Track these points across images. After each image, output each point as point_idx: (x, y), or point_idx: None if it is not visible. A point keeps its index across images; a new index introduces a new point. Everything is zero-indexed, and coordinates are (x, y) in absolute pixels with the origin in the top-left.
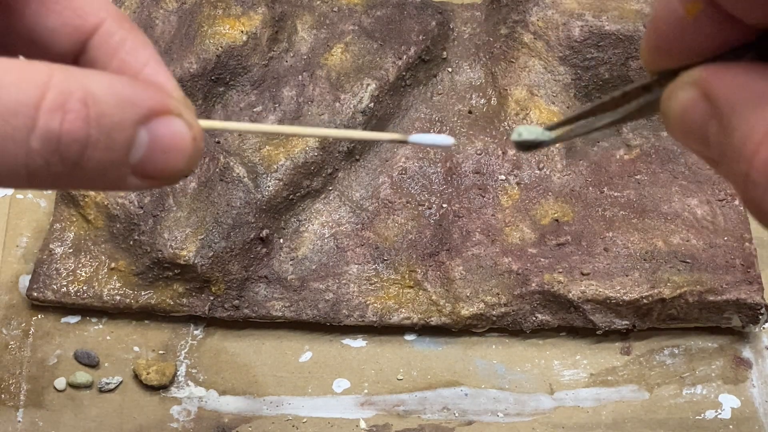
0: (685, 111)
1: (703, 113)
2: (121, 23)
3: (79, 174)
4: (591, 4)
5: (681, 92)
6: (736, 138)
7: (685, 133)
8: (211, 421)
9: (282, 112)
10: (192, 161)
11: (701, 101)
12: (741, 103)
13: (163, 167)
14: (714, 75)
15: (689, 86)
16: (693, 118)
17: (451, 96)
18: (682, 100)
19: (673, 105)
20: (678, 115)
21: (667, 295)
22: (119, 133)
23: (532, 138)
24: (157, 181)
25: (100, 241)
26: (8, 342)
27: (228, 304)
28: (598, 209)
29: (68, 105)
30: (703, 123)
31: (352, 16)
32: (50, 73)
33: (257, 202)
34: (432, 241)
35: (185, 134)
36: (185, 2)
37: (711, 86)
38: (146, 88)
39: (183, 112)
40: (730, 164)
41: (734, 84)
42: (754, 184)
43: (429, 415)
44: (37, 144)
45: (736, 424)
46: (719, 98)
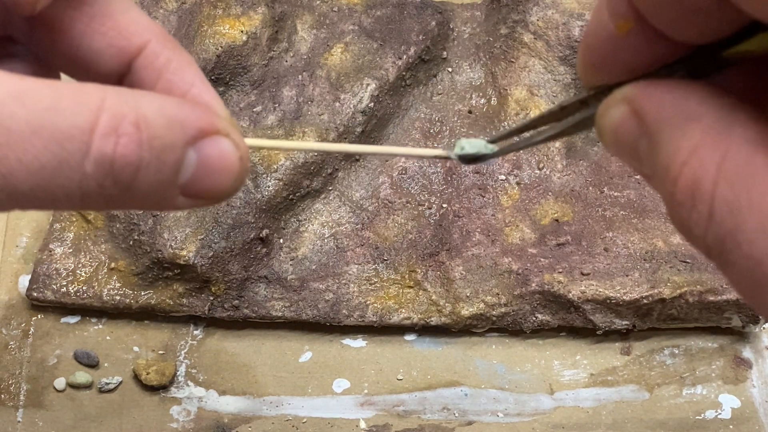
0: (616, 128)
1: (633, 131)
2: (166, 43)
3: (130, 196)
4: (591, 4)
5: (613, 109)
6: (662, 156)
7: (618, 149)
8: (211, 421)
9: (282, 112)
10: (239, 181)
11: (631, 118)
12: (668, 122)
13: (210, 187)
14: (643, 92)
15: (620, 103)
16: (624, 135)
17: (451, 96)
18: (614, 117)
19: (605, 122)
20: (610, 132)
21: (667, 295)
22: (170, 154)
23: (474, 152)
24: (205, 201)
25: (100, 241)
26: (8, 342)
27: (228, 304)
28: (598, 209)
29: (121, 128)
30: (634, 140)
31: (352, 16)
32: (103, 96)
33: (257, 202)
34: (432, 241)
35: (233, 154)
36: (185, 2)
37: (640, 104)
38: (195, 109)
39: (231, 132)
40: (659, 182)
41: (662, 101)
42: (679, 204)
43: (429, 415)
44: (91, 168)
45: (737, 424)
46: (647, 116)
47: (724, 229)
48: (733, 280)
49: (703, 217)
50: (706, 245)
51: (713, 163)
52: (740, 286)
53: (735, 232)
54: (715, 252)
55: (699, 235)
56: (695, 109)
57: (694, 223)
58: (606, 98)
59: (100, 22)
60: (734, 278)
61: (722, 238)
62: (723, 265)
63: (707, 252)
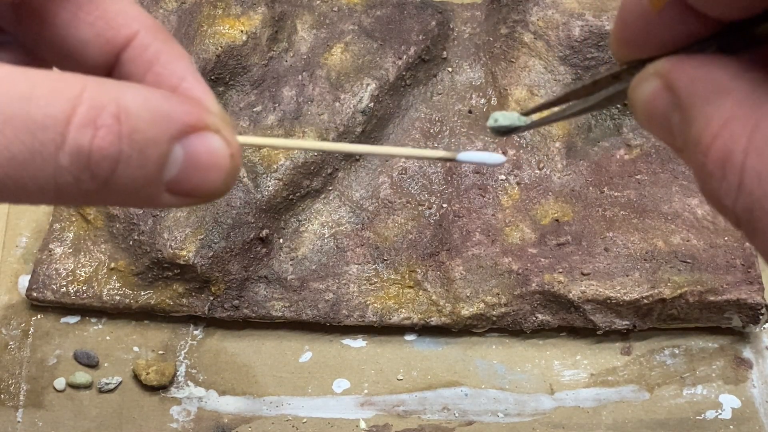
0: (649, 101)
1: (666, 104)
2: (156, 34)
3: (110, 191)
4: (591, 4)
5: (646, 83)
6: (694, 129)
7: (650, 122)
8: (211, 421)
9: (282, 111)
10: (230, 179)
11: (664, 92)
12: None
13: (199, 185)
14: (676, 66)
15: (653, 77)
16: (657, 108)
17: (451, 96)
18: (646, 90)
19: (638, 95)
20: (643, 105)
21: (667, 295)
22: (153, 149)
23: (508, 123)
24: (193, 199)
25: (100, 241)
26: (8, 342)
27: (228, 304)
28: (599, 209)
29: (100, 120)
30: (667, 113)
31: (352, 15)
32: (83, 86)
33: (257, 202)
34: (432, 241)
35: (223, 151)
36: (185, 2)
37: (673, 78)
38: (182, 103)
39: (221, 128)
40: (690, 154)
41: (695, 76)
42: (710, 175)
43: (429, 415)
44: (66, 160)
45: (737, 425)
46: (680, 89)
47: (753, 198)
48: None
49: (732, 187)
50: (735, 215)
51: (744, 135)
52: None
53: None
54: (743, 221)
55: (728, 205)
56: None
57: (724, 193)
58: (639, 72)
59: (87, 11)
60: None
61: (751, 207)
62: (751, 234)
63: (736, 222)
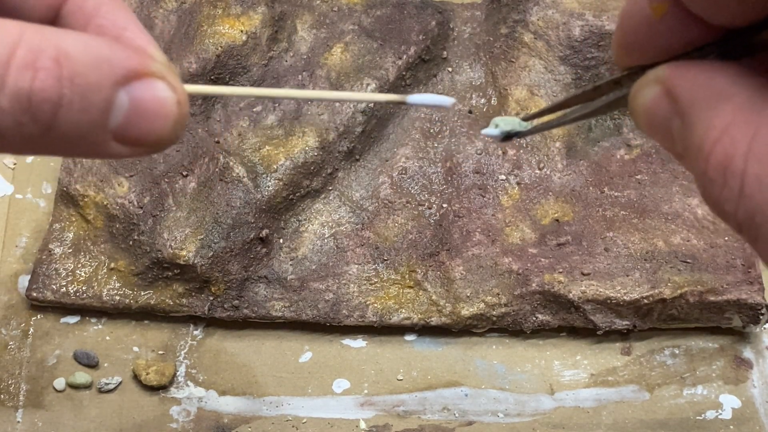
0: (650, 108)
1: (666, 110)
2: None
3: (54, 137)
4: (591, 4)
5: (646, 89)
6: (695, 135)
7: (651, 129)
8: (211, 421)
9: (282, 111)
10: (177, 127)
11: (665, 99)
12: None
13: (146, 133)
14: (677, 73)
15: (654, 84)
16: (657, 114)
17: (451, 95)
18: (647, 97)
19: (639, 102)
20: (644, 112)
21: (667, 296)
22: (95, 94)
23: (509, 128)
24: (142, 148)
25: (100, 241)
26: (8, 342)
27: (228, 304)
28: (599, 209)
29: (39, 63)
30: (667, 119)
31: (352, 15)
32: (21, 31)
33: (257, 202)
34: (432, 241)
35: (169, 98)
36: (185, 2)
37: (674, 84)
38: (125, 49)
39: (166, 75)
40: (691, 160)
41: (695, 82)
42: (711, 181)
43: (429, 415)
44: (6, 102)
45: (737, 425)
46: (681, 96)
47: (755, 204)
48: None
49: (734, 193)
50: (737, 221)
51: (744, 141)
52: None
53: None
54: (745, 227)
55: (730, 211)
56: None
57: (725, 200)
58: (639, 79)
59: None
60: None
61: (752, 213)
62: (753, 240)
63: (738, 228)
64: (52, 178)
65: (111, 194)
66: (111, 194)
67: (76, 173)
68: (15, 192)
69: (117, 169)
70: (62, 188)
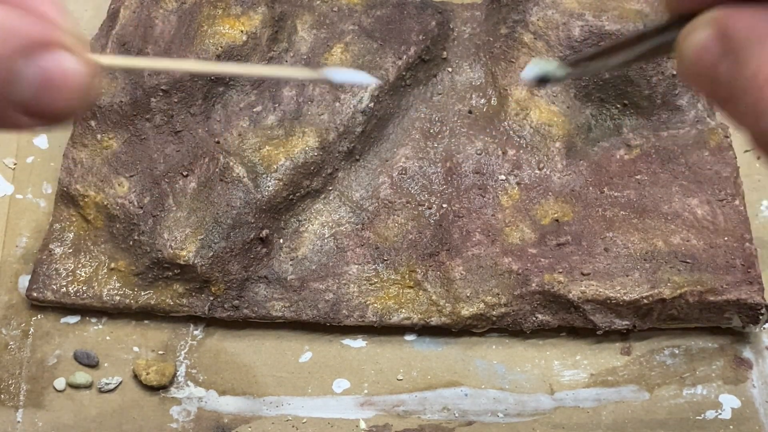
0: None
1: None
2: None
3: None
4: (591, 4)
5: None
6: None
7: (697, 72)
8: (211, 421)
9: (282, 111)
10: (85, 100)
11: (716, 40)
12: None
13: (53, 105)
14: (730, 14)
15: (706, 26)
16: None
17: (451, 96)
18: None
19: (689, 44)
20: (693, 54)
21: (667, 296)
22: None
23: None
24: (50, 120)
25: (100, 242)
26: (8, 342)
27: (228, 304)
28: (599, 209)
29: None
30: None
31: (352, 16)
32: None
33: (257, 202)
34: (432, 241)
35: (77, 70)
36: (185, 2)
37: (727, 24)
38: (27, 17)
39: (74, 46)
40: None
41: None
42: (763, 113)
43: (429, 415)
44: None
45: (737, 425)
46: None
47: None
48: None
49: None
50: None
51: None
52: None
53: None
54: None
55: None
56: None
57: None
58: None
59: None
60: None
61: None
62: None
63: None
64: (52, 178)
65: (111, 194)
66: (111, 194)
67: (76, 173)
68: (15, 192)
69: (117, 170)
70: (62, 188)
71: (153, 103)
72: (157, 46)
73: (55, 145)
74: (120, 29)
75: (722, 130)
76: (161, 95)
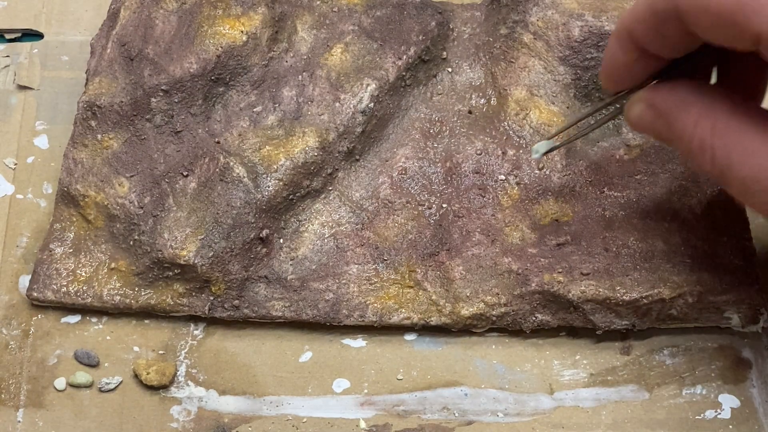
0: (639, 118)
1: (651, 117)
2: None
3: None
4: (591, 4)
5: (635, 106)
6: (677, 129)
7: (644, 130)
8: (211, 421)
9: (282, 112)
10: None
11: (649, 110)
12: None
13: None
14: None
15: (639, 101)
16: (645, 121)
17: (451, 96)
18: (637, 110)
19: (631, 114)
20: (635, 121)
21: (666, 295)
22: None
23: (546, 149)
24: None
25: (100, 241)
26: (8, 342)
27: (228, 304)
28: (598, 209)
29: None
30: (653, 122)
31: (352, 16)
32: None
33: (257, 202)
34: (432, 241)
35: None
36: (185, 2)
37: (653, 100)
38: None
39: None
40: (675, 145)
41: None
42: (694, 154)
43: (429, 415)
44: None
45: (736, 425)
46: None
47: (723, 162)
48: (733, 192)
49: (708, 157)
50: (714, 175)
51: (708, 128)
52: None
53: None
54: (719, 178)
55: (709, 170)
56: (689, 97)
57: (705, 163)
58: (629, 99)
59: None
60: (733, 191)
61: (721, 167)
62: (726, 185)
63: (716, 179)
64: (52, 178)
65: (111, 194)
66: (111, 194)
67: (76, 173)
68: (16, 192)
69: (118, 170)
70: (63, 188)
71: (153, 103)
72: (157, 46)
73: (56, 146)
74: (120, 29)
75: None
76: (161, 95)
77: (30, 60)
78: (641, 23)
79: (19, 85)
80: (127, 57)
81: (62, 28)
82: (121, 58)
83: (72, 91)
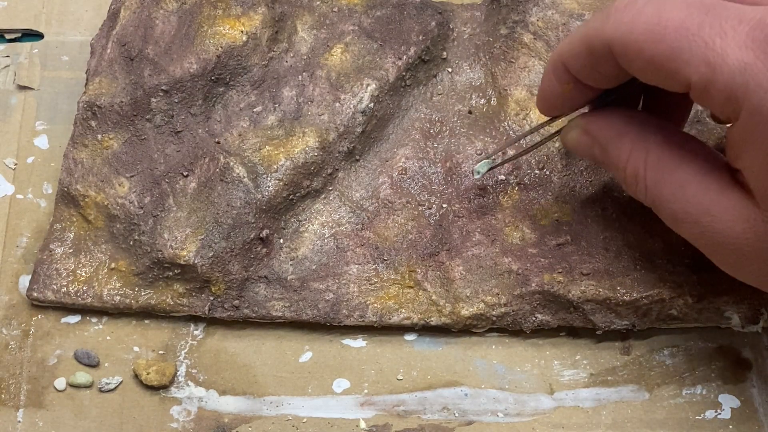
0: (575, 143)
1: (587, 143)
2: None
3: None
4: (591, 5)
5: (572, 131)
6: (612, 157)
7: (580, 154)
8: (211, 421)
9: (282, 112)
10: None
11: (584, 136)
12: (608, 137)
13: None
14: (587, 120)
15: (575, 127)
16: (582, 146)
17: (451, 96)
18: (573, 136)
19: (568, 139)
20: (572, 145)
21: (666, 295)
22: None
23: (487, 169)
24: None
25: (100, 242)
26: (8, 342)
27: (228, 304)
28: (598, 209)
29: None
30: (589, 148)
31: (352, 16)
32: None
33: (257, 202)
34: (432, 241)
35: None
36: (185, 2)
37: (588, 127)
38: None
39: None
40: (612, 171)
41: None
42: (628, 184)
43: (429, 415)
44: None
45: (736, 425)
46: (595, 134)
47: (655, 194)
48: (665, 220)
49: (642, 189)
50: (648, 204)
51: (641, 160)
52: (670, 225)
53: (659, 195)
54: (653, 207)
55: (643, 199)
56: (622, 127)
57: (639, 193)
58: (565, 125)
59: None
60: (666, 221)
61: (654, 198)
62: (658, 214)
63: (650, 206)
64: (52, 178)
65: (112, 194)
66: (112, 194)
67: (76, 174)
68: (16, 192)
69: (118, 170)
70: (63, 188)
71: (153, 103)
72: (157, 46)
73: (56, 146)
74: (120, 29)
75: (721, 131)
76: (161, 95)
77: (30, 60)
78: (576, 58)
79: (19, 85)
80: (127, 57)
81: (62, 28)
82: (121, 58)
83: (72, 91)
